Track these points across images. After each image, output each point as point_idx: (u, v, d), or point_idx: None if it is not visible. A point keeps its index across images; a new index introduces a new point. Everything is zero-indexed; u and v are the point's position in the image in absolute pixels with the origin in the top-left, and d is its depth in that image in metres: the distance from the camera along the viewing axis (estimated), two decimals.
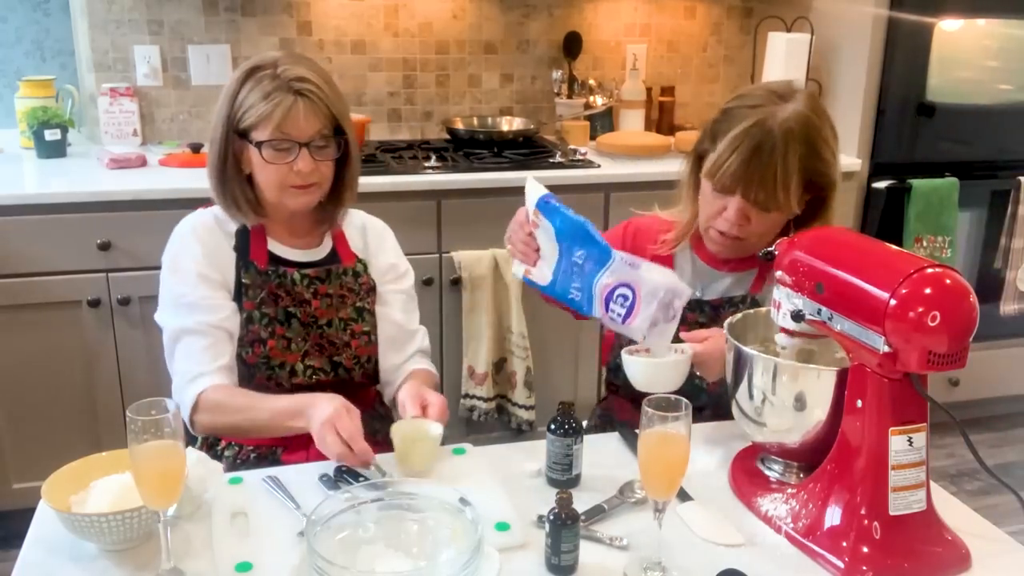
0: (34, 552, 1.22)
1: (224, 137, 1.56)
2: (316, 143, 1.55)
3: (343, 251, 1.71)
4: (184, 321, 1.57)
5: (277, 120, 1.51)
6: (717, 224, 1.60)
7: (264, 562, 1.18)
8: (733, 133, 1.51)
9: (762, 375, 1.32)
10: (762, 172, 1.50)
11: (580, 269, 1.44)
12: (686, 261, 1.72)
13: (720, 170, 1.53)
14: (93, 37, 2.90)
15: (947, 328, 1.11)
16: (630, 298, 1.41)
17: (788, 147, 1.49)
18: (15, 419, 2.51)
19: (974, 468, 2.73)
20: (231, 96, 1.55)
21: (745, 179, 1.52)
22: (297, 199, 1.59)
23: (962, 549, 1.22)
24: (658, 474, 1.17)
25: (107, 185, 2.48)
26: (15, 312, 2.44)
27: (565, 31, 3.28)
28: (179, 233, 1.65)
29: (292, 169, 1.54)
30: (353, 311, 1.67)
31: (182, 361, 1.58)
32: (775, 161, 1.49)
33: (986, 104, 3.14)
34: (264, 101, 1.51)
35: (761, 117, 1.50)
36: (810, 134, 1.51)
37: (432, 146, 3.06)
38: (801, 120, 1.50)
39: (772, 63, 3.14)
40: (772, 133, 1.49)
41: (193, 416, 1.55)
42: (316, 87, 1.54)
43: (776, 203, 1.53)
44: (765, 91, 1.56)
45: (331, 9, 3.08)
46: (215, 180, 1.60)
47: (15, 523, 1.55)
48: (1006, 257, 3.24)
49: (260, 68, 1.54)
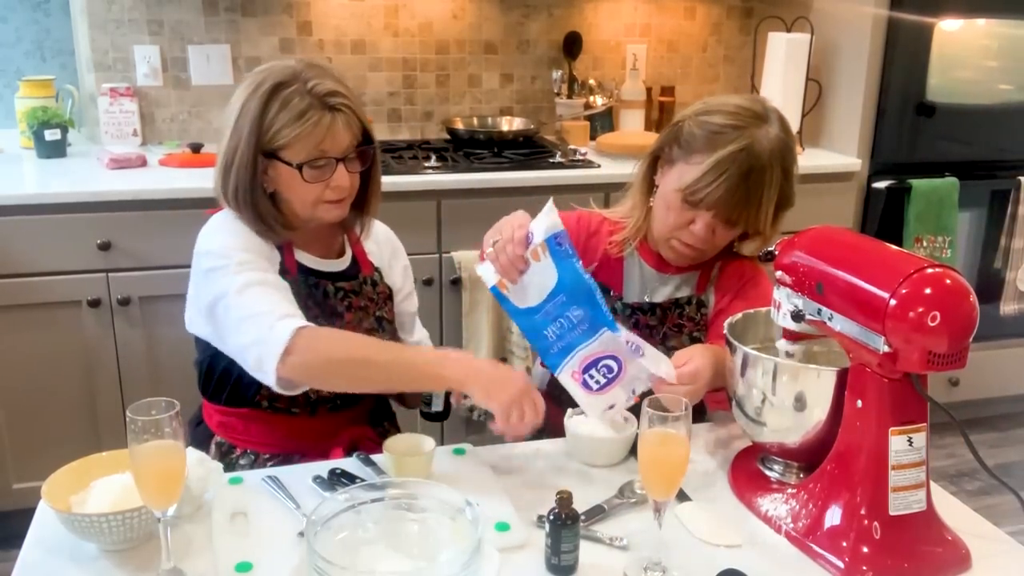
0: (34, 552, 1.22)
1: (252, 160, 1.47)
2: (350, 156, 1.51)
3: (362, 260, 1.68)
4: (251, 275, 1.44)
5: (317, 139, 1.45)
6: (682, 236, 1.59)
7: (264, 562, 1.18)
8: (719, 156, 1.50)
9: (762, 375, 1.32)
10: (747, 196, 1.51)
11: (571, 325, 1.41)
12: (634, 265, 1.72)
13: (702, 189, 1.52)
14: (93, 37, 2.90)
15: (947, 328, 1.11)
16: (615, 371, 1.41)
17: (774, 173, 1.51)
18: (15, 419, 2.51)
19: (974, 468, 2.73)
20: (256, 116, 1.45)
21: (730, 202, 1.52)
22: (330, 213, 1.53)
23: (962, 549, 1.22)
24: (658, 474, 1.17)
25: (107, 185, 2.48)
26: (15, 312, 2.43)
27: (565, 31, 3.28)
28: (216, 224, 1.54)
29: (329, 185, 1.49)
30: (374, 321, 1.65)
31: (261, 302, 1.42)
32: (762, 187, 1.51)
33: (986, 104, 3.14)
34: (299, 121, 1.44)
35: (748, 142, 1.50)
36: (787, 158, 1.54)
37: (432, 146, 3.06)
38: (782, 144, 1.53)
39: (772, 63, 3.14)
40: (760, 159, 1.50)
41: (288, 357, 1.37)
42: (347, 99, 1.48)
43: (755, 225, 1.55)
44: (742, 109, 1.54)
45: (331, 9, 3.08)
46: (244, 202, 1.50)
47: (15, 523, 1.55)
48: (1006, 257, 3.24)
49: (285, 84, 1.45)
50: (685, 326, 1.68)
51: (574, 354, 1.42)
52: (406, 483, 1.18)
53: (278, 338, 1.38)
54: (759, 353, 1.33)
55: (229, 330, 1.45)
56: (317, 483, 1.37)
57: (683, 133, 1.57)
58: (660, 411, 1.15)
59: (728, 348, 1.38)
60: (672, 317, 1.68)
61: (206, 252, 1.50)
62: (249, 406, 1.58)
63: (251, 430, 1.61)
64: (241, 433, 1.61)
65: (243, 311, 1.42)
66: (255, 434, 1.61)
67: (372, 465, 1.43)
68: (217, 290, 1.46)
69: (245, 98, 1.47)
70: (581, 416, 1.50)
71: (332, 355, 1.40)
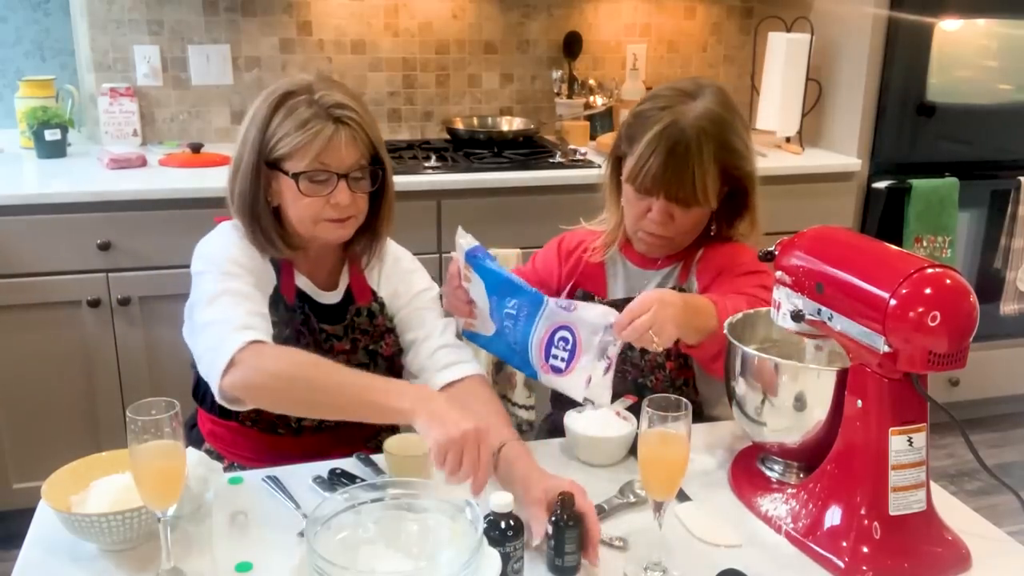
0: (34, 552, 1.22)
1: (255, 167, 1.45)
2: (354, 174, 1.45)
3: (358, 288, 1.59)
4: (229, 284, 1.41)
5: (316, 150, 1.41)
6: (644, 226, 1.61)
7: (264, 562, 1.18)
8: (648, 137, 1.53)
9: (762, 375, 1.31)
10: (680, 172, 1.52)
11: (515, 320, 1.43)
12: (617, 266, 1.72)
13: (640, 173, 1.54)
14: (93, 37, 2.90)
15: (947, 328, 1.11)
16: (571, 340, 1.39)
17: (702, 145, 1.52)
18: (15, 419, 2.51)
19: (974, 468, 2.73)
20: (263, 123, 1.43)
21: (665, 180, 1.54)
22: (332, 233, 1.48)
23: (962, 549, 1.22)
24: (658, 474, 1.17)
25: (107, 185, 2.48)
26: (15, 312, 2.43)
27: (565, 31, 3.28)
28: (218, 231, 1.53)
29: (329, 202, 1.44)
30: (365, 354, 1.58)
31: (227, 311, 1.37)
32: (691, 159, 1.52)
33: (986, 104, 3.14)
34: (301, 130, 1.40)
35: (672, 119, 1.52)
36: (721, 129, 1.54)
37: (432, 146, 3.05)
38: (711, 117, 1.53)
39: (772, 63, 3.14)
40: (685, 132, 1.51)
41: (231, 369, 1.31)
42: (356, 114, 1.44)
43: (696, 200, 1.55)
44: (673, 91, 1.58)
45: (331, 9, 3.08)
46: (245, 212, 1.48)
47: (15, 523, 1.55)
48: (1006, 257, 3.24)
49: (293, 94, 1.43)
50: None
51: (531, 344, 1.42)
52: (406, 483, 1.18)
53: (227, 348, 1.32)
54: (759, 353, 1.33)
55: (195, 334, 1.43)
56: (317, 483, 1.37)
57: (625, 127, 1.62)
58: (660, 411, 1.15)
59: (728, 348, 1.38)
60: None
61: (198, 256, 1.50)
62: (236, 420, 1.56)
63: (238, 443, 1.59)
64: (229, 445, 1.60)
65: (208, 317, 1.39)
66: (242, 447, 1.59)
67: (372, 465, 1.43)
68: (195, 295, 1.45)
69: (257, 106, 1.46)
70: (581, 416, 1.50)
71: (275, 372, 1.32)
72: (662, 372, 1.66)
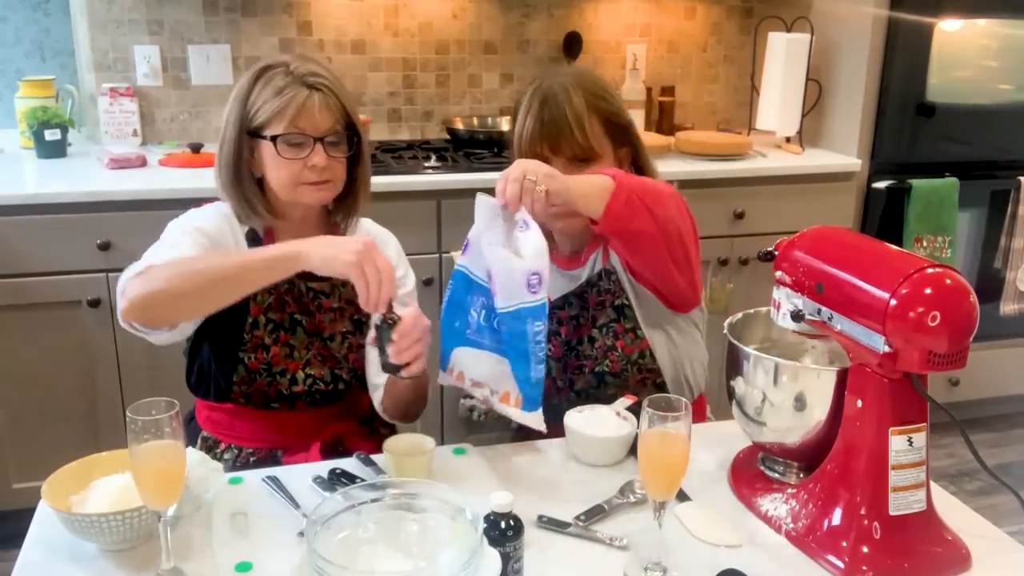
0: (34, 552, 1.22)
1: (237, 138, 1.54)
2: (330, 139, 1.53)
3: None
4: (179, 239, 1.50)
5: (291, 114, 1.50)
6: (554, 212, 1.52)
7: (264, 562, 1.18)
8: (522, 106, 1.65)
9: (762, 375, 1.32)
10: (558, 122, 1.60)
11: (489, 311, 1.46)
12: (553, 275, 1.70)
13: (523, 137, 1.63)
14: (93, 37, 2.90)
15: (947, 328, 1.12)
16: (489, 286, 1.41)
17: (570, 92, 1.61)
18: (15, 419, 2.51)
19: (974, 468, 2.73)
20: (243, 96, 1.54)
21: (546, 135, 1.61)
22: (311, 196, 1.55)
23: (962, 549, 1.22)
24: (658, 474, 1.17)
25: (107, 185, 2.48)
26: (15, 312, 2.43)
27: (565, 31, 3.28)
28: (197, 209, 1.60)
29: (306, 165, 1.52)
30: (351, 323, 1.65)
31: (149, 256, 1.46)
32: (563, 107, 1.60)
33: (986, 104, 3.14)
34: (277, 96, 1.50)
35: (539, 83, 1.65)
36: (586, 80, 1.65)
37: (432, 146, 3.06)
38: (575, 74, 1.68)
39: (772, 63, 3.14)
40: (552, 88, 1.62)
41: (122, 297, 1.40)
42: (329, 82, 1.53)
43: (583, 148, 1.60)
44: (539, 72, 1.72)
45: (331, 9, 3.08)
46: (228, 181, 1.56)
47: (15, 523, 1.55)
48: (1006, 257, 3.24)
49: (271, 67, 1.54)
50: (605, 299, 1.67)
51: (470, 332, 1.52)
52: (406, 483, 1.18)
53: (120, 284, 1.41)
54: (759, 353, 1.33)
55: None
56: (317, 483, 1.37)
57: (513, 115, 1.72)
58: (660, 411, 1.15)
59: (728, 348, 1.38)
60: (592, 297, 1.68)
61: (168, 227, 1.56)
62: (230, 401, 1.60)
63: (235, 425, 1.63)
64: (226, 428, 1.64)
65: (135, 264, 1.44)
66: (239, 429, 1.63)
67: (372, 465, 1.43)
68: None
69: (239, 84, 1.56)
70: (581, 415, 1.50)
71: (165, 277, 1.37)
72: (615, 352, 1.65)
